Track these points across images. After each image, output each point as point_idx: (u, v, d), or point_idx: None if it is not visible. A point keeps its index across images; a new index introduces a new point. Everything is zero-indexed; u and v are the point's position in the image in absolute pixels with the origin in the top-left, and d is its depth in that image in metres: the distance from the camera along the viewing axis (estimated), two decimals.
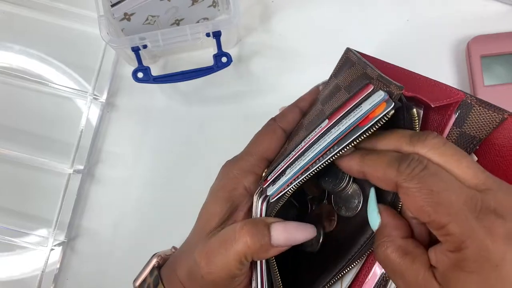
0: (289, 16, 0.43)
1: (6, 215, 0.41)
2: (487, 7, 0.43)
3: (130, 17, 0.38)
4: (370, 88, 0.25)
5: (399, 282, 0.23)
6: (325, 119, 0.26)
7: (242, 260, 0.26)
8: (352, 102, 0.25)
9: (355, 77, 0.28)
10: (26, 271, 0.41)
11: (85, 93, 0.41)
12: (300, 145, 0.27)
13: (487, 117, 0.25)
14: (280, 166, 0.27)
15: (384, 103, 0.23)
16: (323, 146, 0.25)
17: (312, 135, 0.26)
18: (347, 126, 0.24)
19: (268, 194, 0.27)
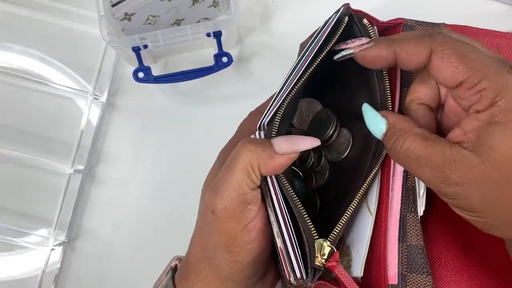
0: (289, 16, 0.44)
1: (7, 215, 0.41)
2: (487, 7, 0.43)
3: (131, 17, 0.38)
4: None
5: (425, 170, 0.22)
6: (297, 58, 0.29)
7: (249, 172, 0.25)
8: (312, 36, 0.28)
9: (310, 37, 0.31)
10: (27, 271, 0.41)
11: (85, 93, 0.41)
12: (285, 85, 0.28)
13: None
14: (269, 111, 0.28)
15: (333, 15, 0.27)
16: (299, 66, 0.27)
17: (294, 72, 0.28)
18: (315, 43, 0.27)
19: (264, 122, 0.27)
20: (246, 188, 0.25)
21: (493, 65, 0.21)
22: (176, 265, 0.31)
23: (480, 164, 0.21)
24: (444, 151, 0.22)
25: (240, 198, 0.25)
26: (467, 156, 0.21)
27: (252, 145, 0.25)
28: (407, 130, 0.23)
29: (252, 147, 0.25)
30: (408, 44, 0.24)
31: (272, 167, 0.25)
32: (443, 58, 0.22)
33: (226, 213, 0.25)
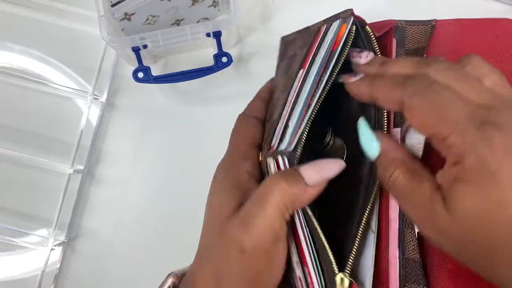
0: (289, 16, 0.44)
1: (6, 215, 0.41)
2: (487, 7, 0.43)
3: (131, 17, 0.38)
4: (323, 27, 0.27)
5: (406, 206, 0.22)
6: (298, 71, 0.27)
7: (283, 211, 0.24)
8: (314, 46, 0.27)
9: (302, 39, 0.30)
10: (26, 271, 0.41)
11: (85, 93, 0.41)
12: (287, 102, 0.27)
13: (419, 30, 0.30)
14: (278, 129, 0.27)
15: (344, 25, 0.26)
16: (311, 83, 0.25)
17: (295, 87, 0.27)
18: (323, 58, 0.25)
19: (283, 148, 0.25)
20: (278, 227, 0.24)
21: (462, 121, 0.21)
22: (174, 284, 0.28)
23: (447, 219, 0.21)
24: (424, 195, 0.22)
25: (272, 236, 0.24)
26: (439, 208, 0.21)
27: (284, 182, 0.24)
28: (399, 161, 0.23)
29: (284, 185, 0.23)
30: (383, 93, 0.24)
31: (305, 201, 0.24)
32: (412, 111, 0.22)
33: (257, 253, 0.24)
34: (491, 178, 0.20)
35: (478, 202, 0.20)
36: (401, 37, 0.30)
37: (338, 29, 0.26)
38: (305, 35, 0.30)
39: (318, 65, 0.26)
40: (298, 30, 0.31)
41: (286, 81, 0.29)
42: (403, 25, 0.30)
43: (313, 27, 0.30)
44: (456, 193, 0.21)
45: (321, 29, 0.27)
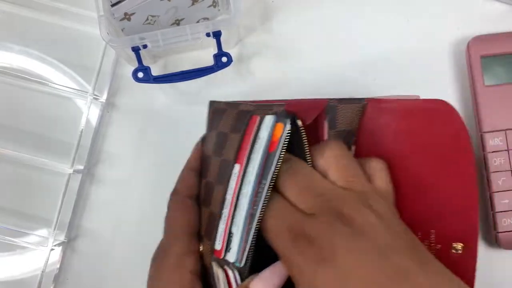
0: (289, 16, 0.44)
1: (6, 215, 0.41)
2: (487, 7, 0.43)
3: (130, 17, 0.38)
4: (256, 118, 0.27)
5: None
6: (234, 164, 0.27)
7: None
8: (248, 137, 0.27)
9: (233, 118, 0.29)
10: (26, 271, 0.41)
11: (85, 93, 0.41)
12: (226, 200, 0.26)
13: (351, 109, 0.29)
14: (220, 230, 0.26)
15: (279, 124, 0.26)
16: (252, 186, 0.25)
17: (232, 184, 0.27)
18: (260, 159, 0.26)
19: (233, 261, 0.25)
20: None
21: (283, 236, 0.24)
22: None
23: None
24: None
25: None
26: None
27: None
28: None
29: None
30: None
31: None
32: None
33: None
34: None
35: None
36: (333, 118, 0.29)
37: (272, 128, 0.26)
38: (235, 113, 0.30)
39: (256, 166, 0.26)
40: (228, 102, 0.31)
41: (220, 166, 0.28)
42: (335, 103, 0.29)
43: (243, 106, 0.29)
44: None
45: (254, 120, 0.27)
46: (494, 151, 0.39)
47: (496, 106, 0.40)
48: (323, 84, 0.42)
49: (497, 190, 0.39)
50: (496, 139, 0.39)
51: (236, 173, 0.26)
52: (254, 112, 0.28)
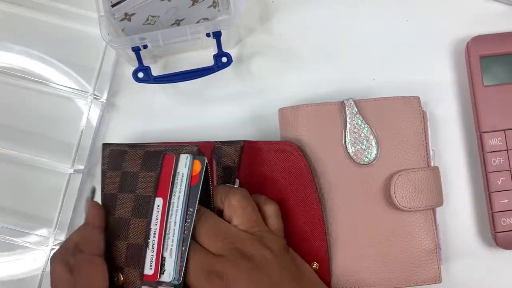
0: (289, 16, 0.44)
1: (7, 214, 0.41)
2: (486, 7, 0.43)
3: (131, 17, 0.38)
4: (172, 157, 0.32)
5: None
6: (155, 198, 0.31)
7: None
8: (167, 174, 0.31)
9: (141, 158, 0.33)
10: (27, 271, 0.41)
11: (85, 93, 0.41)
12: (151, 230, 0.31)
13: (232, 149, 0.37)
14: (149, 257, 0.30)
15: (197, 161, 0.31)
16: (181, 214, 0.30)
17: (156, 216, 0.31)
18: (185, 191, 0.31)
19: (170, 280, 0.30)
20: None
21: (198, 274, 0.30)
22: None
23: None
24: None
25: None
26: None
27: None
28: None
29: None
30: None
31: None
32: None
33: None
34: None
35: None
36: (219, 156, 0.37)
37: (191, 165, 0.31)
38: (141, 154, 0.34)
39: (182, 197, 0.31)
40: (128, 144, 0.35)
41: (135, 202, 0.32)
42: (219, 145, 0.37)
43: (150, 148, 0.34)
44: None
45: (170, 158, 0.32)
46: (493, 151, 0.40)
47: (495, 106, 0.40)
48: (323, 84, 0.42)
49: (496, 190, 0.39)
50: (495, 139, 0.40)
51: (160, 205, 0.31)
52: (166, 152, 0.32)
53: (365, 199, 0.37)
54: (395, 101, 0.38)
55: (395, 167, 0.37)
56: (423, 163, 0.37)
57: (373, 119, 0.37)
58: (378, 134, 0.37)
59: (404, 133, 0.37)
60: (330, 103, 0.38)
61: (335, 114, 0.38)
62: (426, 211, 0.37)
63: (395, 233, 0.37)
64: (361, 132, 0.37)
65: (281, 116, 0.39)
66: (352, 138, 0.37)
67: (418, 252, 0.36)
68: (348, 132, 0.37)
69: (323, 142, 0.37)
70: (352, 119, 0.37)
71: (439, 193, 0.37)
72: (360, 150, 0.37)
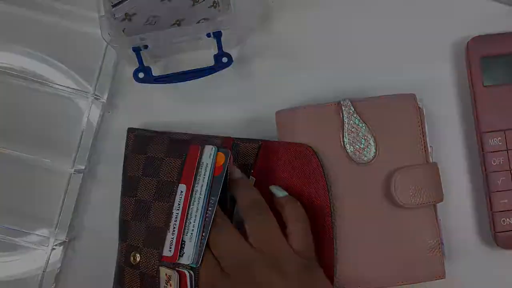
0: (290, 17, 0.44)
1: (7, 214, 0.42)
2: (486, 8, 0.43)
3: (131, 17, 0.38)
4: (197, 147, 0.34)
5: None
6: (178, 184, 0.33)
7: None
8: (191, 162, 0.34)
9: (167, 145, 0.36)
10: (27, 271, 0.41)
11: (86, 93, 0.41)
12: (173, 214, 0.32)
13: (249, 147, 0.38)
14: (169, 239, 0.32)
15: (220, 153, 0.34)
16: (203, 202, 0.32)
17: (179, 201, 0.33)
18: (208, 180, 0.33)
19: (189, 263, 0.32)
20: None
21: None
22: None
23: None
24: None
25: None
26: None
27: None
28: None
29: None
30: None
31: None
32: None
33: None
34: None
35: None
36: (237, 153, 0.38)
37: (214, 157, 0.33)
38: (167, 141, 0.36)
39: (205, 186, 0.33)
40: (155, 131, 0.38)
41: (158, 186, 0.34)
42: (238, 142, 0.38)
43: (175, 135, 0.36)
44: None
45: (195, 148, 0.34)
46: (493, 151, 0.40)
47: (495, 106, 0.40)
48: (323, 83, 0.43)
49: (496, 190, 0.39)
50: (495, 139, 0.40)
51: (183, 191, 0.32)
52: (191, 142, 0.35)
53: (366, 198, 0.37)
54: (391, 99, 0.38)
55: (395, 164, 0.37)
56: (421, 159, 0.37)
57: (370, 118, 0.38)
58: (376, 132, 0.37)
59: (402, 130, 0.38)
60: (326, 104, 0.38)
61: (332, 114, 0.38)
62: (427, 207, 0.37)
63: (397, 231, 0.37)
64: (359, 131, 0.37)
65: (278, 119, 0.39)
66: (350, 137, 0.37)
67: (422, 248, 0.37)
68: (346, 132, 0.37)
69: (322, 143, 0.37)
70: (350, 119, 0.37)
71: (439, 189, 0.37)
72: (359, 149, 0.37)
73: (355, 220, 0.37)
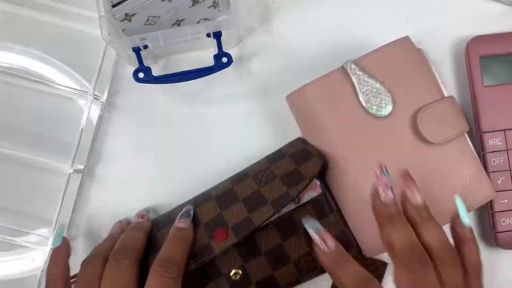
0: (289, 16, 0.44)
1: (6, 214, 0.42)
2: (486, 7, 0.44)
3: (131, 17, 0.38)
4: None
5: None
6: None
7: None
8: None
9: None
10: (26, 270, 0.41)
11: (85, 93, 0.41)
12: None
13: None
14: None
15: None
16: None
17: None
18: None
19: None
20: None
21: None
22: None
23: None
24: None
25: None
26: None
27: None
28: None
29: None
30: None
31: None
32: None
33: None
34: None
35: None
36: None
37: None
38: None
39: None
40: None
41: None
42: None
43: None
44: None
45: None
46: (493, 151, 0.40)
47: (495, 106, 0.40)
48: None
49: (496, 190, 0.39)
50: (495, 139, 0.40)
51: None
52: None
53: (399, 149, 0.37)
54: (388, 47, 0.38)
55: (415, 106, 0.37)
56: (438, 95, 0.38)
57: (376, 71, 0.38)
58: (387, 82, 0.37)
59: (409, 73, 0.38)
60: (332, 72, 0.38)
61: (340, 80, 0.38)
62: (458, 139, 0.37)
63: (436, 170, 0.37)
64: (372, 87, 0.37)
65: (290, 102, 0.40)
66: (365, 96, 0.37)
67: (465, 179, 0.37)
68: (360, 92, 0.37)
69: (340, 110, 0.38)
70: (358, 78, 0.37)
71: (463, 119, 0.38)
72: (378, 104, 0.37)
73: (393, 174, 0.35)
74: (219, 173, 0.40)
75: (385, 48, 0.38)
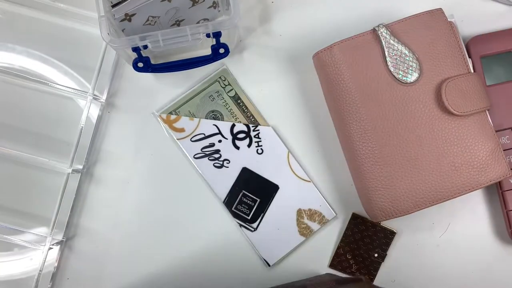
0: (289, 17, 0.45)
1: (5, 213, 0.43)
2: (486, 7, 0.45)
3: (131, 17, 0.39)
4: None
5: None
6: None
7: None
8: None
9: None
10: (24, 270, 0.43)
11: (85, 93, 0.42)
12: None
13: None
14: None
15: None
16: None
17: None
18: None
19: None
20: None
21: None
22: None
23: None
24: None
25: None
26: None
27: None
28: None
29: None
30: None
31: None
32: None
33: None
34: None
35: None
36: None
37: None
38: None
39: None
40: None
41: None
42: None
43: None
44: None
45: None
46: (503, 149, 0.41)
47: (500, 105, 0.41)
48: None
49: (509, 189, 0.40)
50: (503, 137, 0.41)
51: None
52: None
53: (420, 116, 0.38)
54: (421, 16, 0.39)
55: (440, 77, 0.39)
56: (464, 69, 0.39)
57: (406, 38, 0.39)
58: (416, 50, 0.39)
59: (438, 44, 0.39)
60: (362, 33, 0.39)
61: (369, 42, 0.39)
62: (479, 114, 0.39)
63: (454, 141, 0.38)
64: (401, 53, 0.39)
65: (316, 61, 0.41)
66: (393, 61, 0.38)
67: (483, 153, 0.38)
68: (388, 56, 0.38)
69: (366, 72, 0.39)
70: (388, 42, 0.39)
71: (486, 96, 0.39)
72: (405, 70, 0.39)
73: (412, 139, 0.38)
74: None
75: (418, 16, 0.40)
